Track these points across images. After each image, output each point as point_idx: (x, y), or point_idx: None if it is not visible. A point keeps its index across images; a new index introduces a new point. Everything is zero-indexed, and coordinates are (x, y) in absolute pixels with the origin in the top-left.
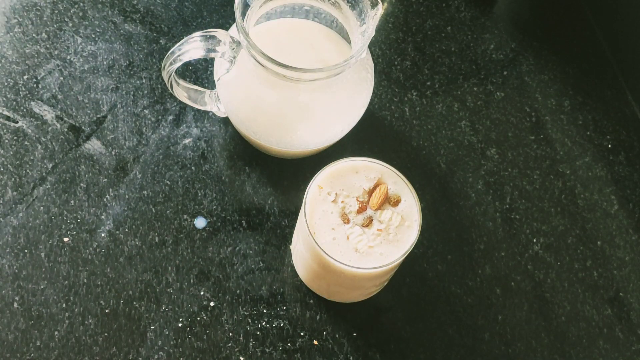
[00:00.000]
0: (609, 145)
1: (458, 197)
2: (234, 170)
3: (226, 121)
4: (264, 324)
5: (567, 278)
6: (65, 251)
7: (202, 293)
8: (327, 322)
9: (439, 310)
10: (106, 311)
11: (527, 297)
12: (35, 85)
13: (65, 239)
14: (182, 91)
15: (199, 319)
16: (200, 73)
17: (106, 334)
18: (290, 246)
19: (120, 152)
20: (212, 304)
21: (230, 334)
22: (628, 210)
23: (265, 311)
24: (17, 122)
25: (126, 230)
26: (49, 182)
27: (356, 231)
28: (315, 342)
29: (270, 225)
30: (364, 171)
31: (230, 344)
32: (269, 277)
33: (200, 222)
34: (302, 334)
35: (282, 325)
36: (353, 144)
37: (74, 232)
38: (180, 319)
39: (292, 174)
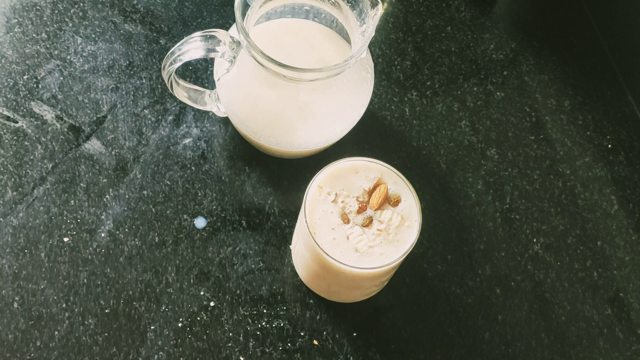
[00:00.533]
0: (609, 145)
1: (458, 197)
2: (234, 170)
3: (226, 121)
4: (264, 324)
5: (567, 278)
6: (65, 251)
7: (202, 293)
8: (327, 322)
9: (439, 310)
10: (106, 311)
11: (527, 297)
12: (35, 85)
13: (65, 239)
14: (182, 91)
15: (199, 319)
16: (200, 73)
17: (106, 334)
18: (290, 246)
19: (120, 152)
20: (212, 304)
21: (230, 334)
22: (628, 210)
23: (265, 311)
24: (17, 122)
25: (126, 230)
26: (49, 182)
27: (356, 231)
28: (315, 342)
29: (270, 225)
30: (364, 171)
31: (230, 344)
32: (269, 277)
33: (200, 222)
34: (302, 334)
35: (282, 325)
36: (353, 144)
37: (74, 232)
38: (180, 319)
39: (292, 174)
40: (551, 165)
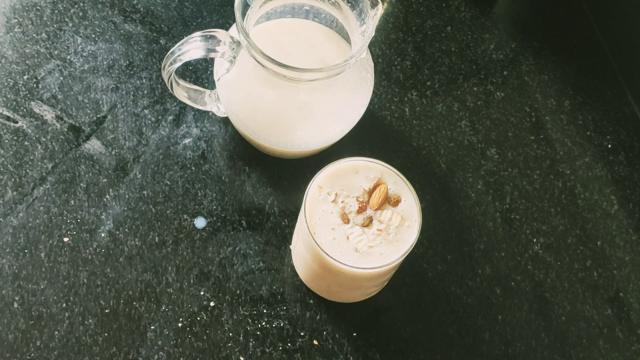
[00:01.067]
0: (609, 145)
1: (458, 197)
2: (234, 170)
3: (226, 121)
4: (264, 324)
5: (567, 278)
6: (65, 251)
7: (202, 293)
8: (327, 322)
9: (439, 310)
10: (106, 311)
11: (527, 297)
12: (35, 85)
13: (65, 239)
14: (182, 91)
15: (199, 319)
16: (200, 73)
17: (106, 334)
18: (290, 246)
19: (120, 152)
20: (212, 304)
21: (230, 334)
22: (628, 210)
23: (265, 311)
24: (17, 122)
25: (126, 230)
26: (49, 182)
27: (356, 231)
28: (315, 342)
29: (270, 225)
30: (364, 171)
31: (230, 344)
32: (269, 277)
33: (200, 222)
34: (302, 334)
35: (282, 325)
36: (353, 144)
37: (74, 232)
38: (180, 319)
39: (292, 174)
40: (551, 165)
